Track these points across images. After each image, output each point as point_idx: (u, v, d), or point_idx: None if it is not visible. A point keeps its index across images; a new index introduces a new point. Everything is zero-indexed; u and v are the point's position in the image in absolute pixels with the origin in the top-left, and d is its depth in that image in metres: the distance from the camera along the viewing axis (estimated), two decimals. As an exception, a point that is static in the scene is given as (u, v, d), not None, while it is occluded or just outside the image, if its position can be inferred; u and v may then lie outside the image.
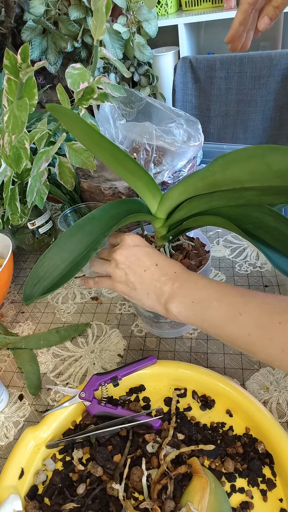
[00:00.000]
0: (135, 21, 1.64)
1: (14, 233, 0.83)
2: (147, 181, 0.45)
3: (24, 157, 0.62)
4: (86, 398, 0.51)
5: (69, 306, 0.74)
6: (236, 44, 0.59)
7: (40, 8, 1.58)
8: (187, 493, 0.42)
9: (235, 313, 0.38)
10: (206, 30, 2.11)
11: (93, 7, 0.55)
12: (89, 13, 1.56)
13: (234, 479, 0.45)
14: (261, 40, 2.06)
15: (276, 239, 0.42)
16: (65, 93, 0.63)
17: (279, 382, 0.54)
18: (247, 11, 0.55)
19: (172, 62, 1.92)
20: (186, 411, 0.52)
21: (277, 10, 0.54)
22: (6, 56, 0.57)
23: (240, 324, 0.37)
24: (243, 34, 0.58)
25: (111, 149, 0.41)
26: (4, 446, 0.53)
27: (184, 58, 1.26)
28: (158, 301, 0.44)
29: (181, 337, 0.63)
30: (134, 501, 0.44)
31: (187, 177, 0.44)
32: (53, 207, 1.05)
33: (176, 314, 0.42)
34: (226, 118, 1.30)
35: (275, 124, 1.25)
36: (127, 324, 0.68)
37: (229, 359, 0.59)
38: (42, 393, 0.59)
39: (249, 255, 0.77)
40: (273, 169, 0.32)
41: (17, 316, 0.74)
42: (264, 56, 1.15)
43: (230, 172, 0.36)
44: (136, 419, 0.49)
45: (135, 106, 0.85)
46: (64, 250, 0.45)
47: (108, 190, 0.76)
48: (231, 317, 0.38)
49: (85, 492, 0.45)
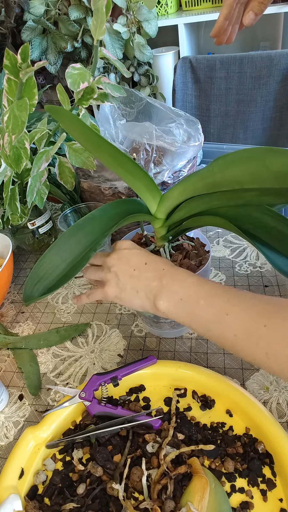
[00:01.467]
0: (135, 21, 1.64)
1: (14, 233, 0.83)
2: (147, 182, 0.45)
3: (24, 157, 0.62)
4: (86, 398, 0.51)
5: (69, 306, 0.74)
6: (221, 38, 0.60)
7: (40, 8, 1.58)
8: (187, 493, 0.42)
9: (221, 314, 0.38)
10: (206, 30, 2.11)
11: (93, 7, 0.55)
12: (89, 13, 1.56)
13: (234, 479, 0.45)
14: (261, 40, 2.06)
15: (275, 239, 0.42)
16: (65, 93, 0.63)
17: (279, 382, 0.54)
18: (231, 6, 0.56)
19: (172, 62, 1.92)
20: (186, 411, 0.52)
21: (262, 5, 0.54)
22: (6, 56, 0.57)
23: (226, 324, 0.37)
24: (228, 28, 0.59)
25: (110, 150, 0.41)
26: (4, 446, 0.54)
27: (184, 58, 1.27)
28: (147, 298, 0.44)
29: (181, 337, 0.63)
30: (134, 501, 0.44)
31: (187, 177, 0.44)
32: (53, 207, 1.05)
33: (165, 311, 0.42)
34: (226, 118, 1.30)
35: (275, 124, 1.25)
36: (127, 324, 0.68)
37: (229, 359, 0.59)
38: (42, 393, 0.59)
39: (249, 255, 0.77)
40: (272, 170, 0.32)
41: (17, 316, 0.74)
42: (264, 56, 1.15)
43: (230, 173, 0.36)
44: (136, 419, 0.49)
45: (135, 106, 0.85)
46: (64, 250, 0.45)
47: (108, 190, 0.76)
48: (217, 317, 0.38)
49: (85, 492, 0.45)
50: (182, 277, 0.43)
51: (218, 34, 0.59)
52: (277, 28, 2.02)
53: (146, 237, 0.58)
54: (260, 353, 0.35)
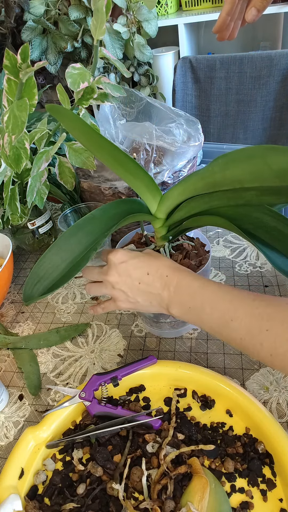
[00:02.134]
0: (135, 21, 1.64)
1: (14, 233, 0.83)
2: (147, 182, 0.45)
3: (24, 157, 0.62)
4: (86, 398, 0.51)
5: (69, 306, 0.74)
6: (224, 34, 0.61)
7: (40, 8, 1.58)
8: (187, 493, 0.42)
9: (227, 319, 0.40)
10: (206, 30, 2.11)
11: (93, 7, 0.55)
12: (89, 13, 1.56)
13: (234, 479, 0.45)
14: (261, 40, 2.06)
15: (275, 239, 0.42)
16: (65, 93, 0.63)
17: (279, 382, 0.54)
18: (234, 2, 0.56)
19: (172, 62, 1.92)
20: (186, 411, 0.52)
21: (265, 1, 0.54)
22: (6, 56, 0.57)
23: (232, 329, 0.39)
24: (230, 24, 0.59)
25: (111, 150, 0.41)
26: (4, 446, 0.53)
27: (184, 58, 1.26)
28: (161, 306, 0.46)
29: (181, 337, 0.63)
30: (134, 501, 0.44)
31: (187, 177, 0.44)
32: (53, 207, 1.05)
33: (179, 316, 0.46)
34: (226, 118, 1.30)
35: (275, 124, 1.25)
36: (127, 324, 0.68)
37: (229, 359, 0.59)
38: (42, 393, 0.59)
39: (249, 255, 0.77)
40: (273, 169, 0.32)
41: (17, 316, 0.74)
42: (264, 56, 1.15)
43: (230, 172, 0.36)
44: (136, 419, 0.49)
45: (135, 106, 0.85)
46: (64, 250, 0.45)
47: (108, 190, 0.76)
48: (223, 322, 0.40)
49: (85, 492, 0.45)
50: (187, 283, 0.44)
51: (220, 29, 0.59)
52: (277, 28, 2.02)
53: (146, 237, 0.58)
54: (265, 353, 0.37)
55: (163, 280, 0.45)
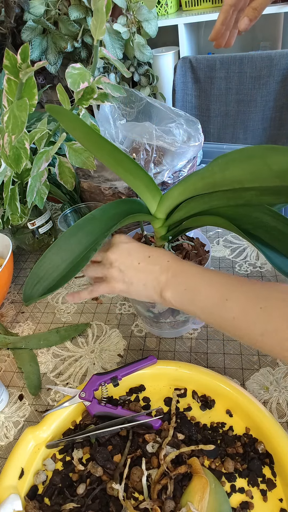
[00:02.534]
0: (135, 21, 1.64)
1: (14, 233, 0.83)
2: (147, 182, 0.45)
3: (24, 157, 0.62)
4: (86, 398, 0.51)
5: (69, 306, 0.74)
6: (220, 41, 0.64)
7: (40, 8, 1.58)
8: (187, 493, 0.42)
9: (222, 299, 0.40)
10: (206, 30, 2.11)
11: (93, 7, 0.55)
12: (89, 13, 1.56)
13: (234, 479, 0.45)
14: (261, 40, 2.06)
15: (275, 239, 0.42)
16: (65, 93, 0.63)
17: (279, 382, 0.54)
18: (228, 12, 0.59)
19: (172, 62, 1.92)
20: (186, 411, 0.52)
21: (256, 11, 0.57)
22: (6, 56, 0.57)
23: (226, 308, 0.40)
24: (226, 32, 0.62)
25: (111, 150, 0.41)
26: (4, 446, 0.54)
27: (184, 58, 1.26)
28: (154, 290, 0.46)
29: (181, 337, 0.63)
30: (134, 501, 0.44)
31: (187, 177, 0.44)
32: (53, 207, 1.05)
33: (171, 301, 0.45)
34: (226, 118, 1.30)
35: (275, 124, 1.25)
36: (127, 324, 0.68)
37: (229, 359, 0.59)
38: (42, 393, 0.59)
39: (249, 255, 0.77)
40: (273, 169, 0.32)
41: (17, 316, 0.74)
42: (264, 56, 1.15)
43: (230, 172, 0.36)
44: (136, 419, 0.49)
45: (135, 106, 0.85)
46: (64, 250, 0.45)
47: (108, 190, 0.76)
48: (218, 302, 0.40)
49: (85, 492, 0.45)
50: (186, 268, 0.45)
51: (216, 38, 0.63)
52: (277, 28, 2.02)
53: (146, 237, 0.58)
54: (256, 333, 0.37)
55: (163, 264, 0.45)
